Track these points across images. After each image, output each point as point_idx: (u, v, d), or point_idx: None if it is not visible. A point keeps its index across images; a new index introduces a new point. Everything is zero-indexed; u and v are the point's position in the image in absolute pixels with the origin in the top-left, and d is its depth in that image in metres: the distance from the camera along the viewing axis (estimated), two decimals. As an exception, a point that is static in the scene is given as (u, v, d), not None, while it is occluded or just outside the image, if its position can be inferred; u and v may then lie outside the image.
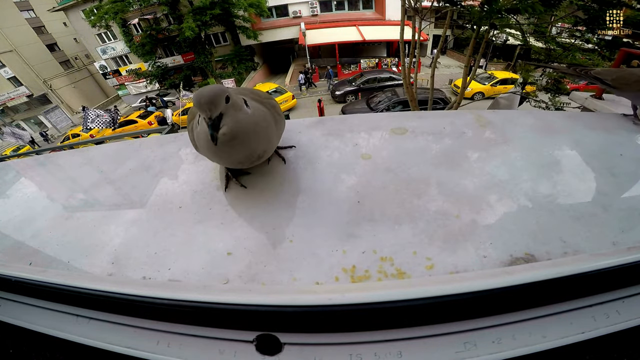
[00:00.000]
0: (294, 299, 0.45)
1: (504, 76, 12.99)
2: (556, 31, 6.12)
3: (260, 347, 0.45)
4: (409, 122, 1.00)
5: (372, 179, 0.79)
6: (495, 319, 0.44)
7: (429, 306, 0.42)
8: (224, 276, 0.61)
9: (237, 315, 0.46)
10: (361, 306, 0.43)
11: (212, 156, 0.73)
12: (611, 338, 0.43)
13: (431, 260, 0.58)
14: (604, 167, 0.75)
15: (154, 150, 1.07)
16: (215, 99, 0.59)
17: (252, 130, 0.67)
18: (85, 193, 0.94)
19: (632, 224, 0.60)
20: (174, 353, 0.48)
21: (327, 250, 0.62)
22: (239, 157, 0.70)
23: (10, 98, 21.08)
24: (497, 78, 12.84)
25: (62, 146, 7.94)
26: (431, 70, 6.47)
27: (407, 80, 6.58)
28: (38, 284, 0.56)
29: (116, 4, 16.52)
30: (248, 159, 0.71)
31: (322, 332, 0.46)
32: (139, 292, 0.49)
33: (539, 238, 0.59)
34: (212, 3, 15.70)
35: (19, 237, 0.80)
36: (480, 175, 0.77)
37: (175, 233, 0.72)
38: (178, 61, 19.66)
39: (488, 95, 12.10)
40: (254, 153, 0.71)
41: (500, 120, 0.99)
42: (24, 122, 21.73)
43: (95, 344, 0.52)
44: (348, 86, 13.67)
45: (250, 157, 0.71)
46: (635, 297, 0.46)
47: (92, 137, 11.30)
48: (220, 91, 0.59)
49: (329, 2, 18.78)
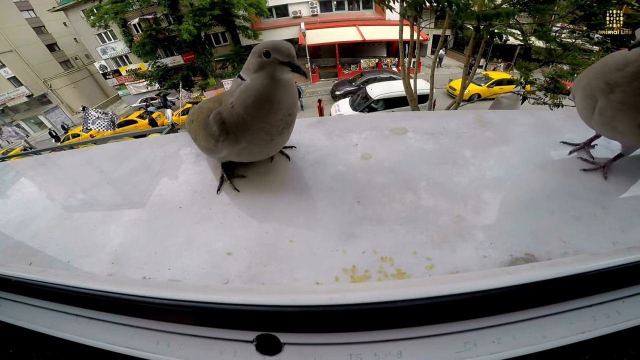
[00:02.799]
0: (294, 299, 0.45)
1: (499, 77, 12.70)
2: (556, 30, 6.12)
3: (260, 347, 0.45)
4: (409, 122, 1.00)
5: (372, 179, 0.79)
6: (495, 319, 0.44)
7: (429, 306, 0.42)
8: (224, 276, 0.60)
9: (237, 315, 0.46)
10: (361, 306, 0.43)
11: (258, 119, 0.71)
12: (611, 338, 0.43)
13: (431, 260, 0.58)
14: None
15: (154, 150, 1.07)
16: (294, 51, 0.66)
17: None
18: (86, 193, 0.94)
19: (632, 224, 0.60)
20: (174, 353, 0.48)
21: (327, 250, 0.62)
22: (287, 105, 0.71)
23: (10, 98, 21.09)
24: (492, 79, 12.51)
25: (62, 146, 7.94)
26: (431, 70, 6.47)
27: (407, 80, 6.58)
28: (38, 284, 0.56)
29: (116, 4, 16.54)
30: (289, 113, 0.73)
31: (322, 332, 0.46)
32: (139, 292, 0.49)
33: (539, 238, 0.59)
34: (212, 3, 15.70)
35: (19, 237, 0.80)
36: (480, 175, 0.77)
37: (175, 233, 0.72)
38: (178, 61, 19.65)
39: (485, 96, 11.82)
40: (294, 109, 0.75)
41: (500, 120, 0.99)
42: (24, 122, 21.74)
43: (95, 344, 0.52)
44: (348, 86, 13.67)
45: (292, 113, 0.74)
46: (635, 297, 0.46)
47: (92, 137, 11.30)
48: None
49: (329, 2, 18.79)
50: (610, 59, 0.68)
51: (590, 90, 0.71)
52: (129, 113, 18.08)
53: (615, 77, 0.64)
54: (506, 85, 11.69)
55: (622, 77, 0.63)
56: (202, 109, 0.77)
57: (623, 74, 0.62)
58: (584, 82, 0.74)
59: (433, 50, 18.65)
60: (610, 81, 0.65)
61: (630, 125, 0.67)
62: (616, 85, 0.64)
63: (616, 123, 0.69)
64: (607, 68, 0.66)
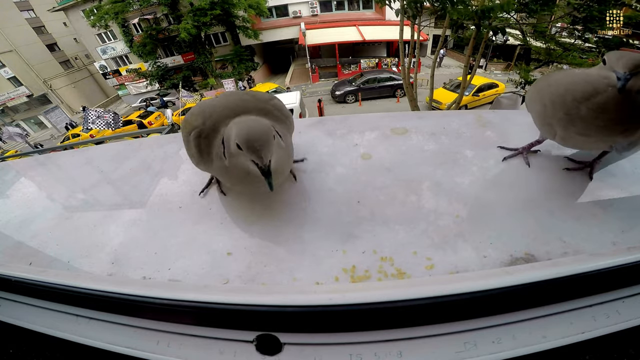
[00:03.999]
0: (294, 299, 0.45)
1: (481, 82, 11.19)
2: (556, 30, 6.13)
3: (260, 347, 0.45)
4: (409, 122, 1.00)
5: (372, 179, 0.79)
6: (495, 319, 0.44)
7: (429, 306, 0.42)
8: (224, 276, 0.60)
9: (237, 315, 0.46)
10: (361, 306, 0.43)
11: (242, 188, 0.69)
12: (611, 338, 0.43)
13: (431, 260, 0.58)
14: (603, 166, 0.75)
15: (154, 150, 1.07)
16: (270, 141, 0.53)
17: (287, 162, 0.64)
18: (85, 193, 0.94)
19: (632, 224, 0.60)
20: (174, 353, 0.48)
21: (327, 250, 0.62)
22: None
23: (10, 98, 21.09)
24: (475, 86, 10.79)
25: (62, 146, 7.95)
26: (431, 70, 6.48)
27: (407, 80, 6.58)
28: (38, 284, 0.56)
29: (116, 4, 16.55)
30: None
31: (322, 332, 0.46)
32: (139, 292, 0.49)
33: (539, 238, 0.59)
34: (212, 3, 15.72)
35: (19, 237, 0.80)
36: (480, 175, 0.77)
37: (175, 233, 0.72)
38: (178, 61, 19.66)
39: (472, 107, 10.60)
40: (283, 179, 0.68)
41: (500, 120, 0.99)
42: (24, 122, 21.73)
43: (95, 344, 0.52)
44: (348, 86, 13.68)
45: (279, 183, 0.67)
46: (635, 297, 0.46)
47: (92, 137, 11.30)
48: (270, 131, 0.54)
49: (329, 2, 18.80)
50: (571, 84, 0.56)
51: (547, 118, 0.62)
52: (129, 113, 18.09)
53: (579, 108, 0.54)
54: (487, 90, 10.93)
55: (587, 110, 0.53)
56: (187, 122, 0.70)
57: (590, 105, 0.53)
58: (538, 107, 0.64)
59: (433, 50, 18.66)
60: (571, 112, 0.55)
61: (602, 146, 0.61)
62: (579, 118, 0.55)
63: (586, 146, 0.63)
64: (569, 97, 0.55)
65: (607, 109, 0.52)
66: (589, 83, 0.53)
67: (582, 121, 0.55)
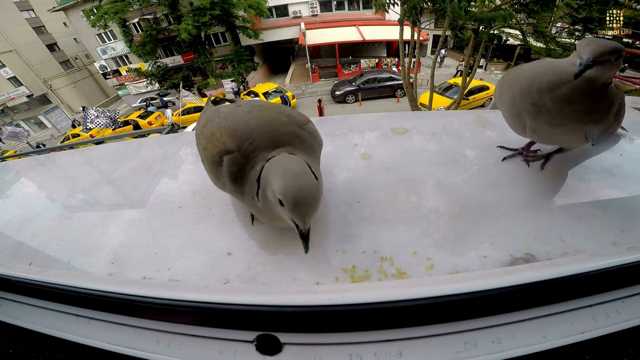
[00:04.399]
0: (294, 299, 0.45)
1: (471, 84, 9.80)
2: (556, 31, 6.13)
3: (260, 347, 0.45)
4: (409, 122, 1.00)
5: (372, 179, 0.79)
6: (495, 319, 0.44)
7: (429, 306, 0.42)
8: (224, 276, 0.60)
9: (237, 315, 0.46)
10: (361, 306, 0.43)
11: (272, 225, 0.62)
12: (611, 338, 0.43)
13: (431, 260, 0.58)
14: (603, 166, 0.75)
15: (154, 150, 1.07)
16: (317, 205, 0.47)
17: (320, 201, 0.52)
18: (85, 193, 0.94)
19: (632, 224, 0.60)
20: (174, 353, 0.48)
21: (327, 250, 0.62)
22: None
23: (10, 98, 21.09)
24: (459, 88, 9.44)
25: (62, 146, 7.94)
26: (431, 70, 6.48)
27: (407, 80, 6.58)
28: (38, 284, 0.56)
29: (116, 4, 16.54)
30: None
31: (322, 332, 0.46)
32: (139, 292, 0.49)
33: (539, 238, 0.59)
34: (212, 3, 15.71)
35: (19, 237, 0.80)
36: (481, 175, 0.77)
37: (175, 233, 0.72)
38: (178, 61, 19.64)
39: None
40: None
41: (500, 119, 0.99)
42: (24, 122, 21.73)
43: (95, 344, 0.52)
44: (348, 86, 13.68)
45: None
46: (635, 297, 0.46)
47: (92, 137, 11.30)
48: (319, 192, 0.48)
49: (329, 2, 18.79)
50: (537, 75, 0.55)
51: (515, 110, 0.61)
52: (129, 113, 18.10)
53: (544, 99, 0.53)
54: (478, 93, 10.62)
55: (552, 101, 0.52)
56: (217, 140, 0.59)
57: (553, 96, 0.52)
58: (508, 99, 0.63)
59: (433, 50, 18.65)
60: (537, 103, 0.55)
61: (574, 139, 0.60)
62: (544, 108, 0.54)
63: (555, 138, 0.62)
64: (534, 87, 0.54)
65: (570, 100, 0.51)
66: (555, 73, 0.52)
67: (548, 111, 0.55)
